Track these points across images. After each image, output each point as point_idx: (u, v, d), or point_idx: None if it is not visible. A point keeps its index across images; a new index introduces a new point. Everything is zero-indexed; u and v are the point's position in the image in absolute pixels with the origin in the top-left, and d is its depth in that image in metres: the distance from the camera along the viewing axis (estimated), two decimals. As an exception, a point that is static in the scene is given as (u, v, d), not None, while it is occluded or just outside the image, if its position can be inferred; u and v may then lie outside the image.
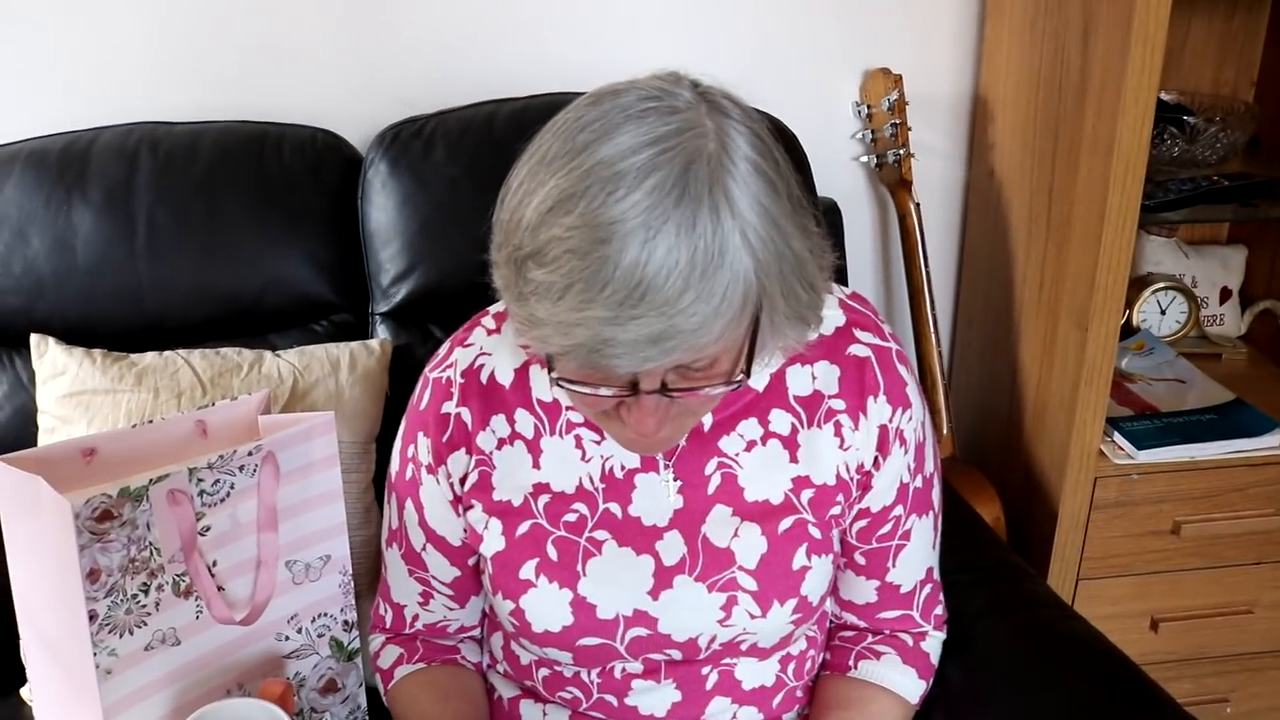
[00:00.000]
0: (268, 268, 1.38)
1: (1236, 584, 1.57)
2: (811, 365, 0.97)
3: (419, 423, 1.01)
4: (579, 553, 0.95)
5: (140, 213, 1.35)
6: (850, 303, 1.01)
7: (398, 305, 1.43)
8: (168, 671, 1.02)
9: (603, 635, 0.95)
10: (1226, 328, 1.76)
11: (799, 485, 0.96)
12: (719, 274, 0.72)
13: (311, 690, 1.14)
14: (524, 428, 0.98)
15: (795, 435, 0.97)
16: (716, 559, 0.95)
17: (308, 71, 1.54)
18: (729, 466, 0.96)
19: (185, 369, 1.30)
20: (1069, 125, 1.42)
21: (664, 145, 0.73)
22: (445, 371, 1.01)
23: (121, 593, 0.97)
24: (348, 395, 1.32)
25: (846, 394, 0.97)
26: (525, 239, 0.75)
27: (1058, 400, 1.51)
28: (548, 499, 0.97)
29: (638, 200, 0.71)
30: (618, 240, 0.71)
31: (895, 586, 1.04)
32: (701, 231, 0.72)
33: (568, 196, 0.73)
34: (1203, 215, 1.52)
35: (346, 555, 1.14)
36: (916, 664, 1.05)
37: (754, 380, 0.96)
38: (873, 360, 0.97)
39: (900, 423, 0.98)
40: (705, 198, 0.72)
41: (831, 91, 1.66)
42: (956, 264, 1.79)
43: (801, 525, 0.96)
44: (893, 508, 1.00)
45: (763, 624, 0.95)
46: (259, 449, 1.04)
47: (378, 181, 1.41)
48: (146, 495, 0.96)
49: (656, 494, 0.96)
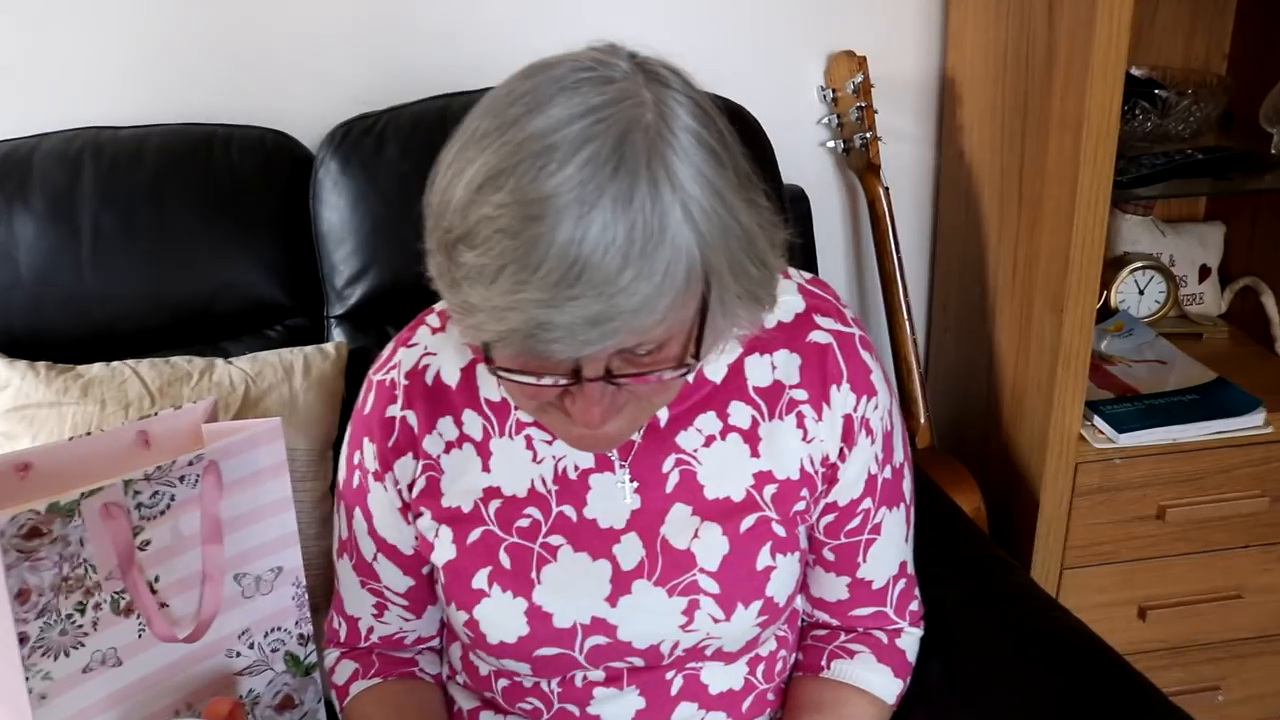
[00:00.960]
0: (218, 273, 1.35)
1: (1225, 569, 1.54)
2: (771, 354, 0.93)
3: (363, 428, 0.97)
4: (533, 560, 0.91)
5: (85, 220, 1.31)
6: (810, 288, 0.97)
7: (353, 307, 1.39)
8: (110, 693, 0.98)
9: (560, 645, 0.91)
10: (1207, 306, 1.72)
11: (761, 481, 0.92)
12: (660, 250, 0.68)
13: (266, 708, 1.10)
14: (472, 430, 0.94)
15: (756, 428, 0.93)
16: (676, 562, 0.91)
17: (258, 71, 1.50)
18: (687, 463, 0.92)
19: (133, 379, 1.26)
20: (1037, 103, 1.39)
21: (598, 116, 0.69)
22: (389, 373, 0.96)
23: (55, 613, 0.93)
24: (302, 401, 1.28)
25: (808, 383, 0.93)
26: (455, 220, 0.71)
27: (1035, 385, 1.47)
28: (499, 504, 0.93)
29: (570, 174, 0.67)
30: (550, 217, 0.67)
31: (867, 583, 1.00)
32: (640, 205, 0.67)
33: (497, 173, 0.69)
34: (1178, 190, 1.48)
35: (299, 567, 1.10)
36: (892, 662, 1.01)
37: (711, 371, 0.93)
38: (835, 347, 0.93)
39: (866, 411, 0.94)
40: (643, 170, 0.68)
41: (796, 77, 1.62)
42: (930, 249, 1.76)
43: (765, 523, 0.92)
44: (861, 500, 0.96)
45: (727, 628, 0.91)
46: (199, 459, 1.00)
47: (328, 181, 1.37)
48: (78, 510, 0.92)
49: (612, 495, 0.92)
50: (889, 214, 1.57)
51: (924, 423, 1.61)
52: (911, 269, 1.75)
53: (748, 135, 1.43)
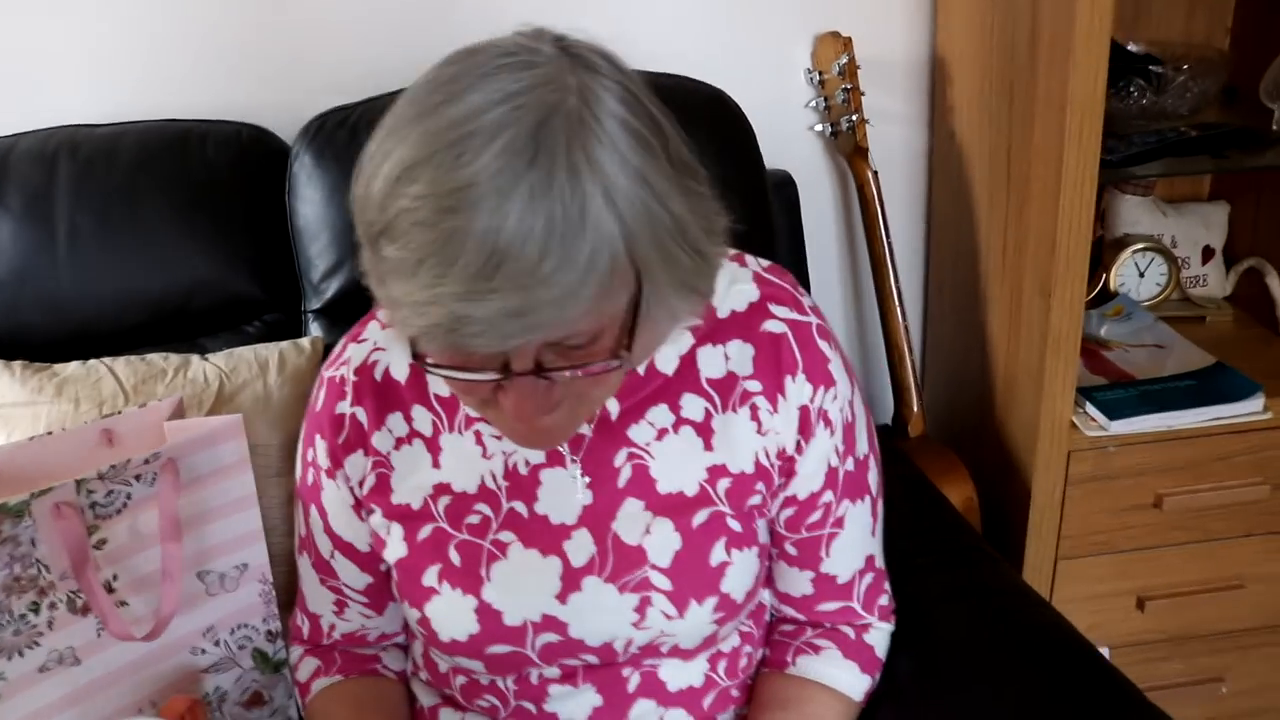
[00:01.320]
0: (194, 270, 1.34)
1: (1225, 558, 1.50)
2: (724, 345, 0.91)
3: (315, 425, 0.97)
4: (483, 557, 0.90)
5: (61, 219, 1.31)
6: (766, 276, 0.94)
7: (329, 301, 1.38)
8: (68, 693, 0.98)
9: (512, 643, 0.90)
10: (1210, 288, 1.67)
11: (714, 475, 0.90)
12: (580, 239, 0.66)
13: (235, 705, 1.10)
14: (422, 425, 0.93)
15: (709, 421, 0.90)
16: (627, 558, 0.89)
17: (236, 65, 1.49)
18: (640, 457, 0.90)
19: (108, 377, 1.26)
20: (1023, 81, 1.35)
21: (516, 102, 0.67)
22: (339, 369, 0.95)
23: (7, 613, 0.93)
24: (276, 397, 1.27)
25: (762, 374, 0.90)
26: (375, 214, 0.69)
27: (1026, 371, 1.43)
28: (448, 500, 0.91)
29: (486, 163, 0.65)
30: (467, 208, 0.65)
31: (831, 578, 0.98)
32: (558, 194, 0.65)
33: (414, 164, 0.67)
34: (1172, 169, 1.44)
35: (265, 563, 1.09)
36: (859, 658, 0.99)
37: (662, 363, 0.91)
38: (789, 337, 0.91)
39: (823, 403, 0.91)
40: (561, 156, 0.66)
41: (782, 59, 1.59)
42: (924, 233, 1.72)
43: (719, 518, 0.90)
44: (821, 494, 0.94)
45: (681, 625, 0.90)
46: (156, 457, 1.00)
47: (304, 175, 1.36)
48: (28, 510, 0.92)
49: (564, 490, 0.90)
50: (878, 197, 1.54)
51: (917, 411, 1.57)
52: (906, 254, 1.72)
53: (727, 120, 1.41)
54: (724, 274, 0.92)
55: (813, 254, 1.55)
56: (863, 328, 1.77)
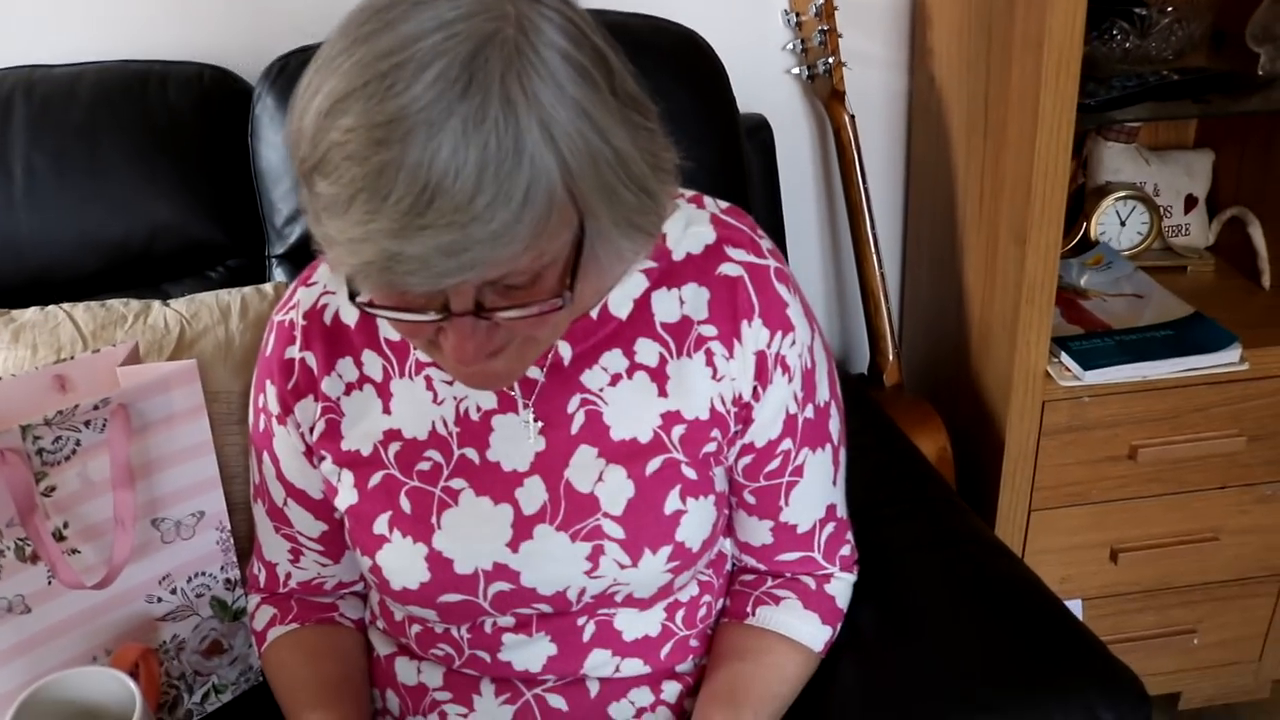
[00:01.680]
0: (155, 214, 1.31)
1: (1200, 510, 1.49)
2: (679, 289, 0.88)
3: (265, 371, 0.95)
4: (433, 504, 0.88)
5: (16, 161, 1.28)
6: (725, 217, 0.92)
7: (293, 246, 1.36)
8: (18, 641, 0.97)
9: (463, 591, 0.89)
10: (1193, 238, 1.65)
11: (669, 421, 0.88)
12: (516, 174, 0.63)
13: (193, 653, 1.09)
14: (372, 370, 0.91)
15: (664, 366, 0.88)
16: (579, 506, 0.88)
17: (198, 6, 1.45)
18: (593, 403, 0.88)
19: (66, 323, 1.24)
20: (1000, 22, 1.31)
21: (451, 31, 0.64)
22: (289, 314, 0.93)
23: (-48, 561, 0.92)
24: (238, 342, 1.25)
25: (717, 319, 0.88)
26: (308, 149, 0.67)
27: (1000, 321, 1.42)
28: (399, 446, 0.90)
29: (418, 94, 0.62)
30: (397, 141, 0.62)
31: (791, 527, 0.96)
32: (492, 126, 0.63)
33: (344, 95, 0.64)
34: (1153, 114, 1.40)
35: (223, 511, 1.08)
36: (819, 609, 0.98)
37: (616, 306, 0.89)
38: (746, 280, 0.88)
39: (781, 348, 0.89)
40: (496, 87, 0.63)
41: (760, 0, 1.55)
42: (904, 179, 1.69)
43: (673, 465, 0.88)
44: (779, 441, 0.92)
45: (634, 574, 0.88)
46: (106, 403, 0.98)
47: (265, 117, 1.33)
48: (-29, 457, 0.91)
49: (516, 436, 0.89)
50: (855, 142, 1.51)
51: (893, 360, 1.56)
52: (884, 201, 1.69)
53: (699, 61, 1.38)
54: (680, 216, 0.90)
55: (788, 200, 1.52)
56: (839, 276, 1.75)
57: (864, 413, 1.40)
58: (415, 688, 0.97)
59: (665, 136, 0.76)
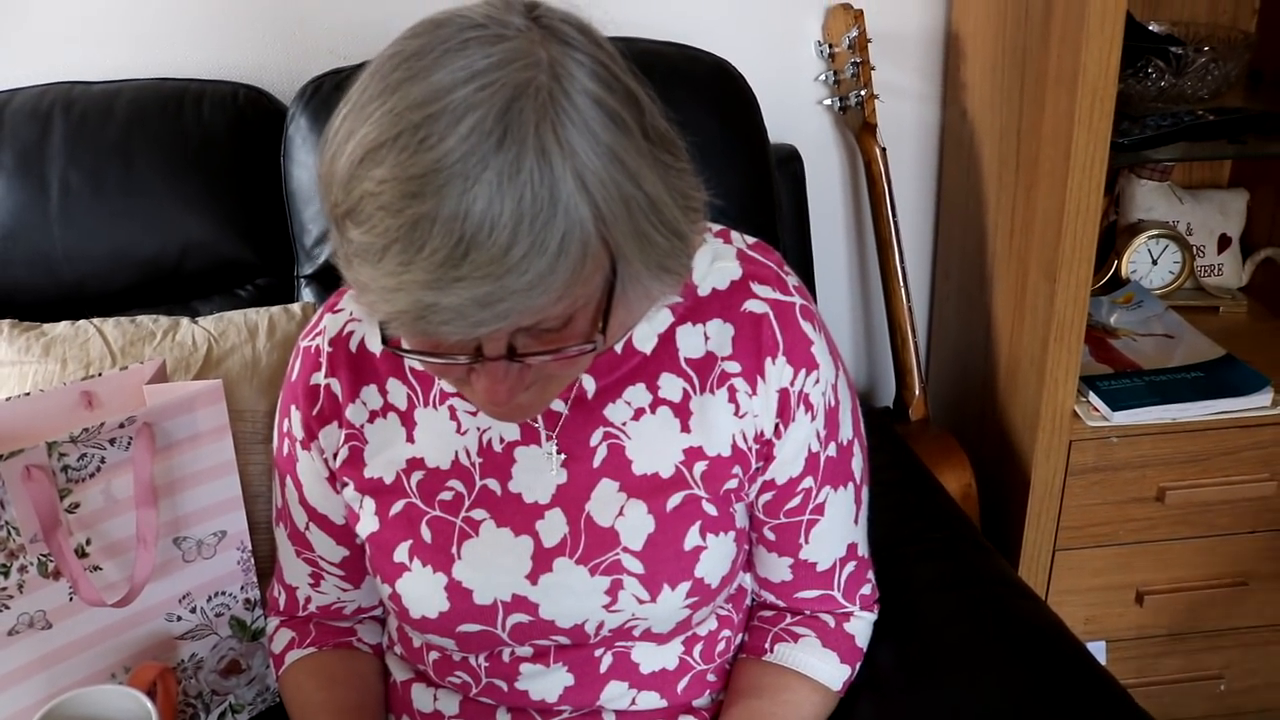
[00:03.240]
0: (186, 231, 1.32)
1: (1229, 554, 1.47)
2: (704, 324, 0.88)
3: (290, 396, 0.95)
4: (454, 534, 0.88)
5: (53, 176, 1.29)
6: (751, 253, 0.91)
7: (322, 266, 1.37)
8: (39, 656, 0.97)
9: (482, 622, 0.88)
10: (1226, 278, 1.63)
11: (691, 457, 0.88)
12: (552, 224, 0.63)
13: (211, 672, 1.09)
14: (397, 399, 0.91)
15: (687, 402, 0.88)
16: (599, 540, 0.87)
17: (236, 26, 1.47)
18: (616, 437, 0.88)
19: (96, 338, 1.25)
20: (1035, 58, 1.31)
21: (484, 80, 0.64)
22: (315, 340, 0.94)
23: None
24: (265, 362, 1.26)
25: (741, 355, 0.88)
26: (340, 195, 0.67)
27: (1029, 358, 1.40)
28: (421, 475, 0.90)
29: (453, 146, 0.62)
30: (432, 194, 0.62)
31: (811, 565, 0.95)
32: (527, 178, 0.63)
33: (378, 145, 0.64)
34: (1187, 154, 1.39)
35: (244, 530, 1.08)
36: (839, 648, 0.97)
37: (641, 341, 0.88)
38: (771, 317, 0.88)
39: (805, 386, 0.88)
40: (531, 138, 0.63)
41: (793, 31, 1.56)
42: (934, 213, 1.69)
43: (694, 501, 0.88)
44: (801, 479, 0.91)
45: (653, 609, 0.88)
46: (131, 421, 0.99)
47: (299, 138, 1.34)
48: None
49: (539, 468, 0.89)
50: (885, 175, 1.50)
51: (919, 394, 1.55)
52: (914, 234, 1.69)
53: (730, 91, 1.38)
54: (707, 250, 0.90)
55: (817, 231, 1.52)
56: (867, 307, 1.74)
57: (888, 447, 1.39)
58: (431, 715, 0.97)
59: (695, 175, 0.76)
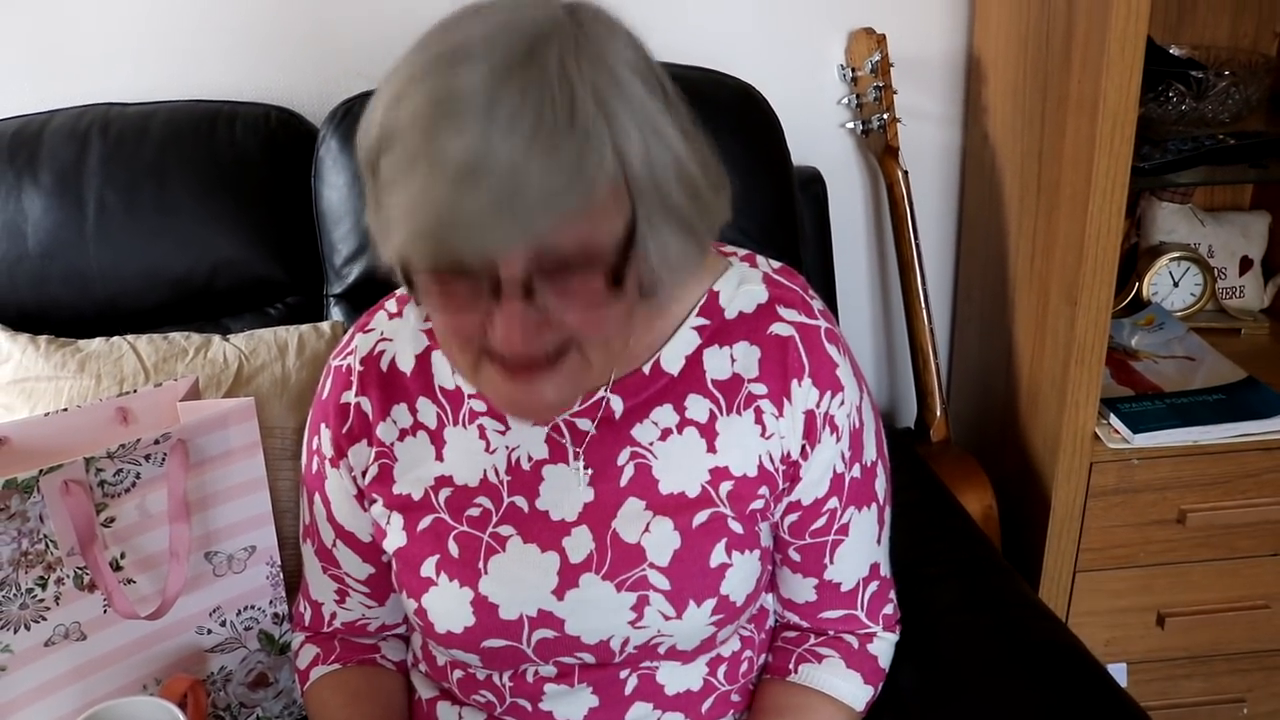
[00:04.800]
0: (218, 250, 1.35)
1: (1251, 577, 1.46)
2: (730, 347, 0.90)
3: (321, 414, 0.97)
4: (481, 549, 0.90)
5: (90, 196, 1.32)
6: (777, 277, 0.93)
7: (351, 286, 1.38)
8: (73, 667, 0.99)
9: (507, 637, 0.89)
10: (1247, 300, 1.63)
11: (717, 477, 0.89)
12: (569, 141, 0.67)
13: (239, 685, 1.11)
14: (426, 417, 0.92)
15: (713, 423, 0.89)
16: (626, 556, 0.88)
17: (269, 48, 1.49)
18: (643, 456, 0.89)
19: (130, 354, 1.27)
20: (1056, 83, 1.32)
21: (514, 27, 0.70)
22: (346, 359, 0.96)
23: (14, 587, 0.94)
24: (294, 379, 1.28)
25: (768, 377, 0.89)
26: (375, 136, 0.72)
27: (1049, 380, 1.41)
28: (449, 492, 0.91)
29: (482, 72, 0.67)
30: (460, 110, 0.67)
31: (835, 585, 0.96)
32: (549, 96, 0.67)
33: (410, 81, 0.70)
34: (1208, 178, 1.40)
35: (274, 546, 1.10)
36: (862, 668, 0.97)
37: (669, 363, 0.90)
38: (797, 340, 0.89)
39: (830, 408, 0.90)
40: (554, 64, 0.68)
41: (816, 55, 1.57)
42: (955, 235, 1.70)
43: (719, 519, 0.89)
44: (826, 500, 0.92)
45: (679, 626, 0.89)
46: (166, 437, 1.01)
47: (329, 159, 1.37)
48: (37, 486, 0.93)
49: (566, 486, 0.90)
50: (908, 198, 1.52)
51: (940, 416, 1.55)
52: (937, 256, 1.70)
53: (753, 114, 1.39)
54: (733, 274, 0.92)
55: (839, 252, 1.53)
56: (888, 329, 1.75)
57: (910, 469, 1.39)
58: (456, 732, 0.98)
59: (715, 159, 0.80)
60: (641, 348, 0.89)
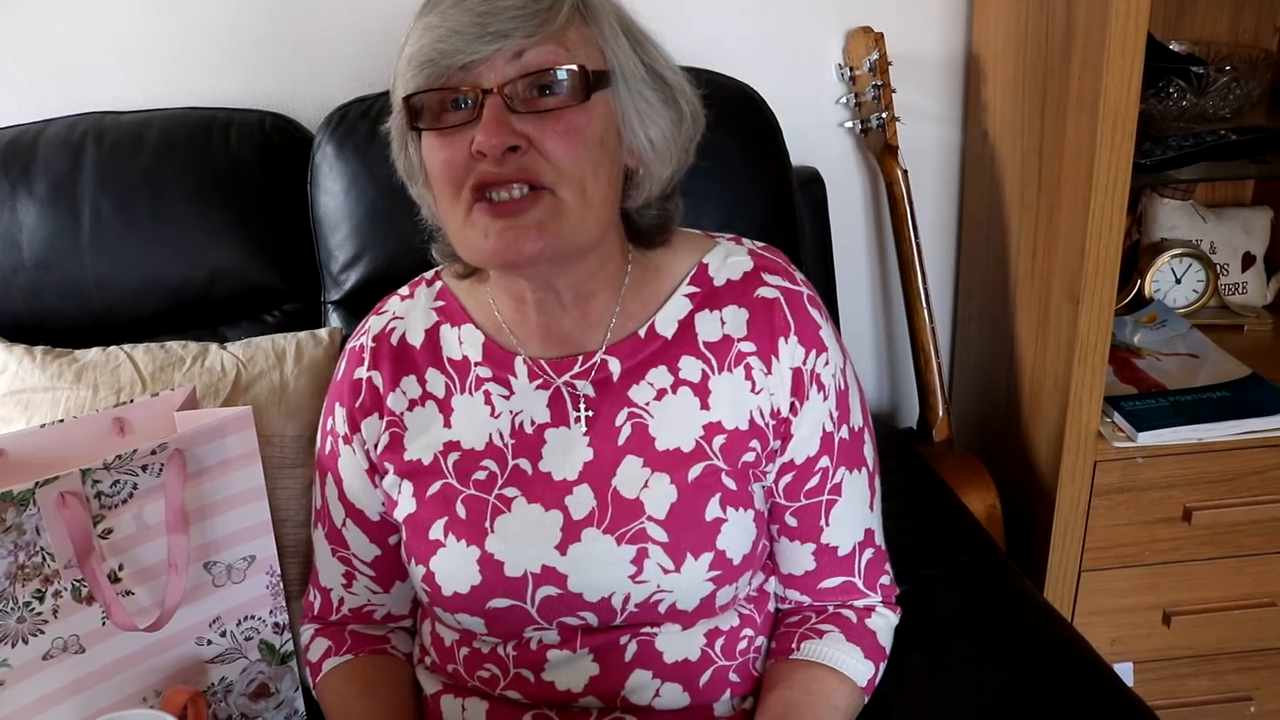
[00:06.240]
0: (215, 258, 1.34)
1: (1257, 575, 1.45)
2: (720, 310, 0.96)
3: (335, 394, 1.03)
4: (487, 510, 0.94)
5: (85, 205, 1.32)
6: (761, 251, 1.00)
7: (348, 293, 1.38)
8: (72, 680, 0.98)
9: (512, 595, 0.92)
10: (1250, 296, 1.62)
11: (710, 431, 0.94)
12: None
13: (240, 696, 1.10)
14: (435, 387, 0.98)
15: (706, 381, 0.94)
16: (625, 510, 0.92)
17: (262, 55, 1.49)
18: (639, 416, 0.94)
19: (126, 364, 1.26)
20: (1056, 81, 1.31)
21: None
22: (360, 339, 1.02)
23: (11, 600, 0.93)
24: (293, 387, 1.27)
25: (756, 336, 0.94)
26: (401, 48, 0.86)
27: (1052, 379, 1.40)
28: (457, 456, 0.96)
29: None
30: None
31: (832, 549, 0.99)
32: None
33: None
34: (1209, 174, 1.39)
35: (273, 555, 1.09)
36: (861, 642, 0.99)
37: (663, 327, 0.95)
38: (782, 301, 0.95)
39: (815, 365, 0.95)
40: None
41: (814, 54, 1.56)
42: (956, 234, 1.69)
43: (713, 473, 0.92)
44: (818, 459, 0.96)
45: (677, 579, 0.91)
46: (163, 448, 1.00)
47: (325, 165, 1.36)
48: (33, 499, 0.93)
49: (567, 448, 0.94)
50: (907, 196, 1.51)
51: (942, 415, 1.55)
52: (937, 255, 1.69)
53: (752, 115, 1.38)
54: (720, 249, 0.99)
55: (840, 252, 1.52)
56: (889, 329, 1.74)
57: (912, 469, 1.39)
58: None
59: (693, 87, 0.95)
60: (637, 305, 0.96)
